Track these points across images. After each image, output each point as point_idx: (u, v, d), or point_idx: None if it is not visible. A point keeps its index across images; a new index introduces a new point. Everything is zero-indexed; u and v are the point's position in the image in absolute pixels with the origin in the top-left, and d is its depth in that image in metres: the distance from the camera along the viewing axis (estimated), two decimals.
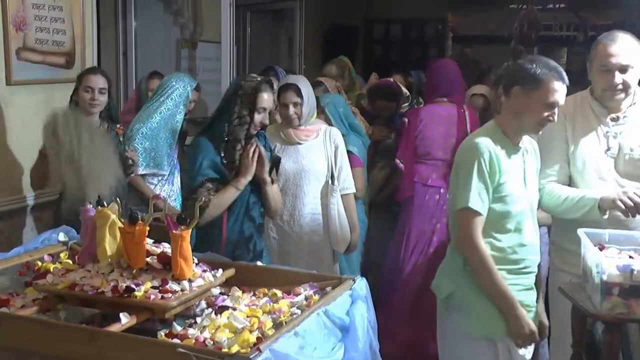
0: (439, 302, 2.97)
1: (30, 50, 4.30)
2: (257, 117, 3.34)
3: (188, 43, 6.80)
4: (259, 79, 3.41)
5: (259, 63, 6.77)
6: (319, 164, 3.95)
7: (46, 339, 2.22)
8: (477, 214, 2.75)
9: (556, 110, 2.77)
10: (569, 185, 3.21)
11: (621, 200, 2.91)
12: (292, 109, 3.88)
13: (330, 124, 4.31)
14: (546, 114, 2.75)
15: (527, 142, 2.94)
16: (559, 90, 2.74)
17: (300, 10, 7.67)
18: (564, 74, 2.76)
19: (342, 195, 4.00)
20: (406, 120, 4.78)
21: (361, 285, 2.65)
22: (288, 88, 3.90)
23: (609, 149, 3.12)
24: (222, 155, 3.32)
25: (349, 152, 4.40)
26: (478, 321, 2.81)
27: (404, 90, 5.32)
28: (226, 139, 3.33)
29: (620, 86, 3.06)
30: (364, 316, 2.52)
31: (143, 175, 4.29)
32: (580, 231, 2.84)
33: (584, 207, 3.03)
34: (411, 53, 10.82)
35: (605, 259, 2.60)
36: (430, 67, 4.93)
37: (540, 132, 2.87)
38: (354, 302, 2.54)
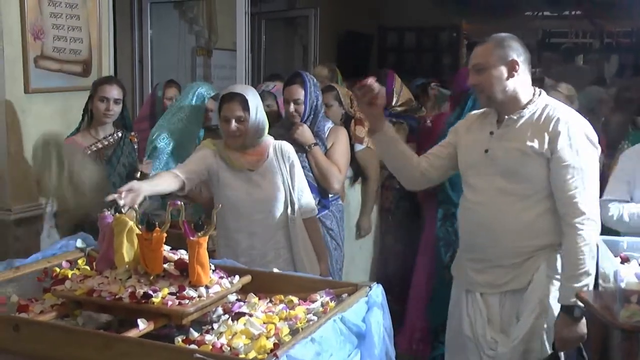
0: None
1: (48, 59, 4.34)
2: None
3: (203, 51, 6.84)
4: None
5: (273, 71, 6.77)
6: (276, 191, 3.38)
7: (64, 344, 2.23)
8: None
9: None
10: None
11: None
12: (233, 125, 3.31)
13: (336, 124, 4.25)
14: None
15: None
16: None
17: (314, 18, 7.70)
18: None
19: (304, 220, 3.46)
20: (429, 122, 4.77)
21: (377, 292, 2.65)
22: (232, 99, 3.35)
23: (487, 150, 3.01)
24: None
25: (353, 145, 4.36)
26: None
27: None
28: None
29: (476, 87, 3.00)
30: (380, 323, 2.52)
31: None
32: (599, 239, 2.82)
33: None
34: (425, 61, 10.82)
35: (622, 267, 2.58)
36: (460, 73, 4.88)
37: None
38: (370, 309, 2.55)
